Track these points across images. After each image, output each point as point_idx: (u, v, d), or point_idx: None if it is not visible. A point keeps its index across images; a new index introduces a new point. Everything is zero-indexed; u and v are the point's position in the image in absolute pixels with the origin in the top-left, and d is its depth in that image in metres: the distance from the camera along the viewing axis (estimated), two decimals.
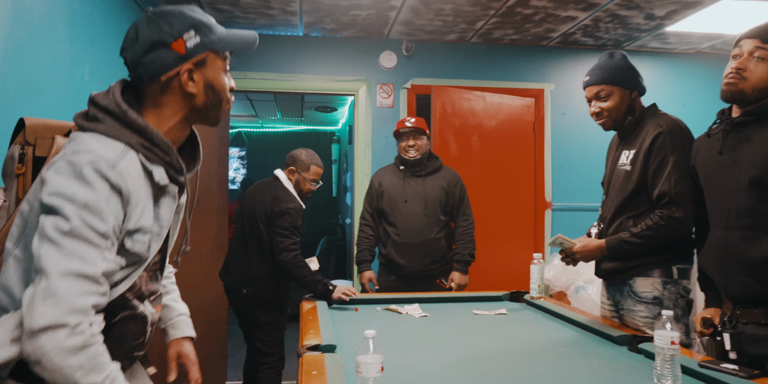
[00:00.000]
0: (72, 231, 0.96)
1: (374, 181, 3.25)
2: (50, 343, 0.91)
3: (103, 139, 1.06)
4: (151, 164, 1.10)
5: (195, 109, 1.17)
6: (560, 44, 4.42)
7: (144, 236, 1.09)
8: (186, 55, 1.10)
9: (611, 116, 2.10)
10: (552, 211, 4.40)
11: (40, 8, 1.98)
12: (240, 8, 3.62)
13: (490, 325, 2.24)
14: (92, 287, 0.97)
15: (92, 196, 0.98)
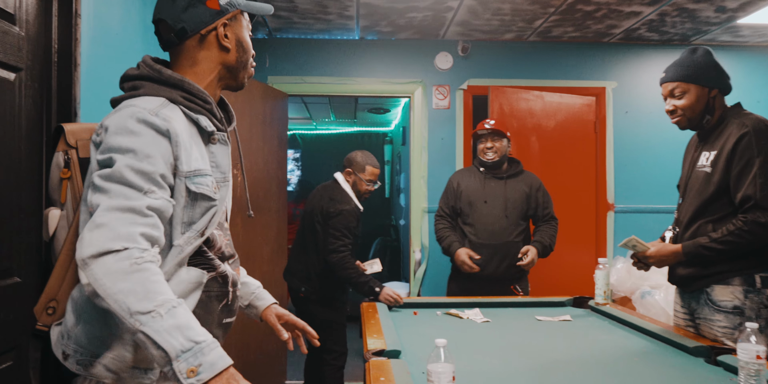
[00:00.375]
0: (113, 175, 1.02)
1: (453, 181, 3.20)
2: (100, 269, 0.94)
3: (143, 98, 1.14)
4: (195, 114, 1.18)
5: (227, 67, 1.26)
6: (623, 40, 4.28)
7: (205, 178, 1.15)
8: (221, 11, 1.21)
9: (686, 115, 2.02)
10: (615, 213, 4.26)
11: (117, 24, 2.08)
12: (298, 14, 3.68)
13: (555, 331, 2.20)
14: (137, 218, 1.00)
15: (138, 142, 1.05)
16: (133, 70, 1.21)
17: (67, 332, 1.12)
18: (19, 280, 1.57)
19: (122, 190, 1.01)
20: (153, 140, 1.07)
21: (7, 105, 1.52)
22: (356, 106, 6.87)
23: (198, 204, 1.15)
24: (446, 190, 3.22)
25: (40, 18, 1.67)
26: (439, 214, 3.19)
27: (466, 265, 2.95)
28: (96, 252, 0.94)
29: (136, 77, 1.19)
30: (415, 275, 4.06)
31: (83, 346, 1.10)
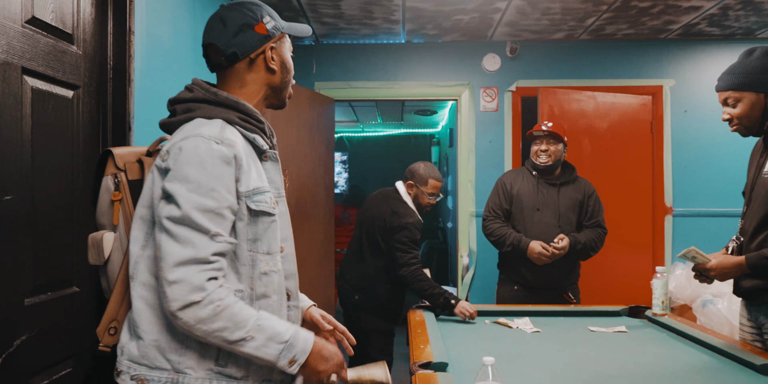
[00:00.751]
0: (183, 218, 1.09)
1: (504, 183, 3.04)
2: (191, 319, 1.08)
3: (202, 121, 1.20)
4: (250, 133, 1.24)
5: (273, 87, 1.32)
6: (681, 36, 4.09)
7: (264, 195, 1.21)
8: (268, 35, 1.27)
9: (742, 123, 1.91)
10: (673, 217, 4.08)
11: (168, 37, 2.14)
12: (344, 20, 3.70)
13: (609, 343, 2.11)
14: (205, 267, 1.10)
15: (204, 175, 1.11)
16: (186, 93, 1.26)
17: (120, 349, 1.17)
18: (78, 290, 1.63)
19: (190, 236, 1.10)
20: (219, 171, 1.13)
21: (66, 121, 1.58)
22: (403, 108, 6.86)
23: (260, 221, 1.21)
24: (496, 191, 3.07)
25: (97, 36, 1.73)
26: (491, 216, 3.03)
27: (544, 257, 2.82)
28: (181, 306, 1.07)
29: (191, 100, 1.24)
30: (462, 280, 4.02)
31: (135, 361, 1.14)
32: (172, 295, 1.07)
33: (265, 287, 1.22)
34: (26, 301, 1.41)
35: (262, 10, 1.29)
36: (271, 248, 1.24)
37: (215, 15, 1.28)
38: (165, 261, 1.08)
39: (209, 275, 1.10)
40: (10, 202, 1.34)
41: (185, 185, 1.10)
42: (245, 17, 1.25)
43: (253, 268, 1.20)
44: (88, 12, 1.69)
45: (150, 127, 1.96)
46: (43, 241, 1.48)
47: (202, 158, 1.12)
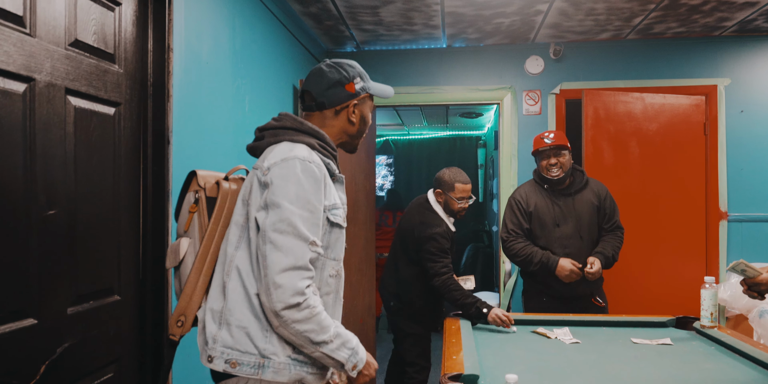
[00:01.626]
0: (287, 227, 1.28)
1: (520, 200, 2.98)
2: (289, 318, 1.27)
3: (290, 144, 1.40)
4: (326, 158, 1.44)
5: (349, 135, 1.55)
6: (736, 33, 3.90)
7: (339, 210, 1.43)
8: (354, 94, 1.51)
9: None
10: (728, 223, 3.89)
11: (207, 51, 2.21)
12: (384, 27, 3.72)
13: (652, 357, 2.04)
14: (304, 273, 1.29)
15: (302, 191, 1.31)
16: (274, 122, 1.47)
17: (212, 338, 1.32)
18: (119, 298, 1.71)
19: (292, 244, 1.28)
20: (313, 187, 1.33)
21: (107, 137, 1.66)
22: (447, 111, 6.82)
23: (333, 231, 1.42)
24: (512, 210, 2.99)
25: (138, 54, 1.81)
26: (512, 236, 2.95)
27: (574, 274, 2.80)
28: (283, 306, 1.26)
29: (280, 127, 1.45)
30: (504, 287, 3.96)
31: (229, 346, 1.31)
32: (277, 297, 1.26)
33: (329, 287, 1.43)
34: (69, 310, 1.48)
35: (356, 72, 1.52)
36: (338, 255, 1.46)
37: (318, 68, 1.52)
38: (270, 268, 1.27)
39: (307, 283, 1.30)
40: (53, 216, 1.42)
41: (287, 197, 1.29)
42: (340, 76, 1.49)
43: (323, 271, 1.41)
44: (129, 31, 1.77)
45: (189, 141, 2.03)
46: (86, 253, 1.56)
47: (300, 176, 1.32)
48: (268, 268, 1.27)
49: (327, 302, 1.43)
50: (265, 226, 1.29)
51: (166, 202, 1.85)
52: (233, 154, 2.43)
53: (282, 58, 3.19)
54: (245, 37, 2.59)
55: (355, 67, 1.53)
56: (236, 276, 1.34)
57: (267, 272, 1.27)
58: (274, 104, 3.02)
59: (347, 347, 1.36)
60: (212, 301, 1.36)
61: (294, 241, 1.28)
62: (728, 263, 3.87)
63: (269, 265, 1.27)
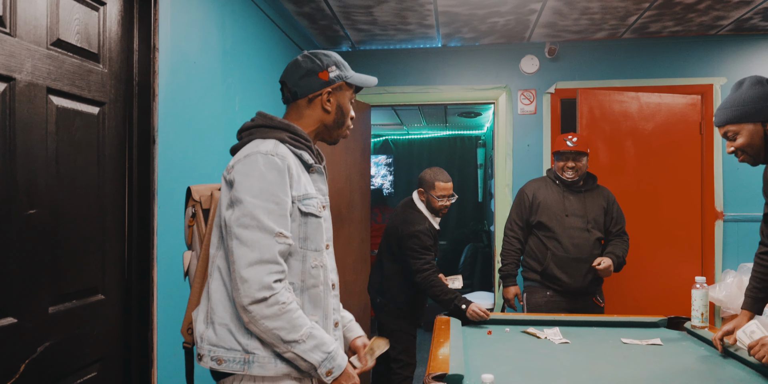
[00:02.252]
0: (250, 221, 1.28)
1: (527, 193, 3.11)
2: (257, 314, 1.26)
3: (259, 141, 1.40)
4: (298, 150, 1.43)
5: (325, 125, 1.52)
6: (733, 32, 3.88)
7: (312, 200, 1.41)
8: (328, 82, 1.48)
9: (748, 153, 1.88)
10: (724, 222, 3.87)
11: (196, 51, 2.21)
12: (379, 26, 3.71)
13: (641, 357, 2.03)
14: (272, 267, 1.28)
15: (265, 183, 1.31)
16: (249, 123, 1.49)
17: (200, 336, 1.35)
18: (103, 298, 1.71)
19: (257, 238, 1.28)
20: (276, 179, 1.33)
21: (91, 136, 1.66)
22: (446, 111, 6.82)
23: (309, 221, 1.40)
24: (519, 202, 3.14)
25: (123, 54, 1.81)
26: (511, 228, 3.14)
27: (510, 303, 3.07)
28: (250, 301, 1.26)
29: (252, 126, 1.47)
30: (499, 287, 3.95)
31: (214, 344, 1.33)
32: (244, 291, 1.25)
33: (314, 279, 1.41)
34: (50, 310, 1.49)
35: (331, 60, 1.50)
36: (319, 246, 1.43)
37: (294, 59, 1.52)
38: (236, 263, 1.27)
39: (275, 277, 1.28)
40: (34, 216, 1.43)
41: (250, 192, 1.30)
42: (313, 65, 1.47)
43: (304, 262, 1.39)
44: (114, 31, 1.77)
45: (176, 140, 2.04)
46: (69, 253, 1.56)
47: (261, 170, 1.31)
48: (235, 263, 1.27)
49: (317, 295, 1.42)
50: (231, 222, 1.30)
51: (151, 202, 1.85)
52: (223, 153, 2.43)
53: (275, 58, 3.19)
54: (236, 37, 2.59)
55: (330, 56, 1.51)
56: (217, 275, 1.35)
57: (234, 267, 1.27)
58: (267, 104, 3.02)
59: (322, 350, 1.33)
60: (202, 303, 1.39)
61: (258, 234, 1.28)
62: (724, 263, 3.86)
63: (236, 260, 1.27)
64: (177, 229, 2.01)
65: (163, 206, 1.92)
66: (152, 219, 1.85)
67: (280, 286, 1.29)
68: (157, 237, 1.87)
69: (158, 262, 1.88)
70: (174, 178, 2.00)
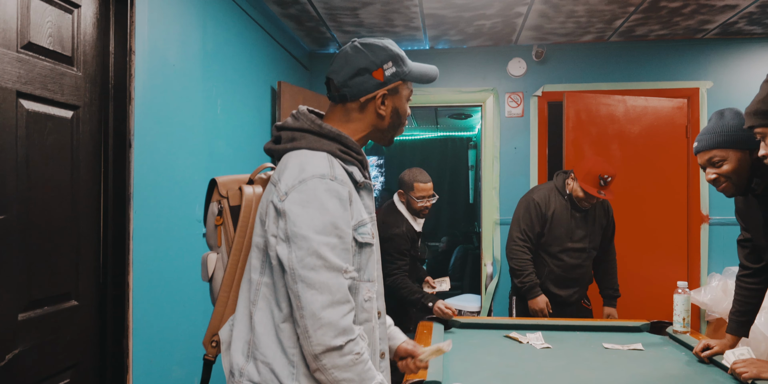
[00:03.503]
0: (316, 264, 1.14)
1: (539, 204, 2.96)
2: (329, 363, 1.15)
3: (307, 152, 1.23)
4: (349, 165, 1.27)
5: (378, 129, 1.33)
6: (719, 36, 3.90)
7: (365, 227, 1.26)
8: (384, 82, 1.28)
9: (732, 180, 1.83)
10: (709, 226, 3.88)
11: (175, 54, 2.19)
12: (365, 28, 3.70)
13: (621, 362, 2.03)
14: (346, 307, 1.16)
15: (328, 216, 1.16)
16: (292, 122, 1.30)
17: (238, 370, 1.22)
18: (77, 304, 1.69)
19: (325, 279, 1.15)
20: (338, 209, 1.18)
21: (64, 140, 1.64)
22: (437, 112, 6.82)
23: (364, 251, 1.27)
24: (528, 211, 2.97)
25: (98, 57, 1.79)
26: (522, 238, 2.96)
27: (541, 313, 2.94)
28: (323, 350, 1.14)
29: (297, 129, 1.28)
30: (486, 290, 3.95)
31: (256, 382, 1.20)
32: (317, 339, 1.13)
33: (367, 313, 1.28)
34: (20, 317, 1.47)
35: (387, 54, 1.29)
36: (372, 276, 1.30)
37: (343, 51, 1.30)
38: (306, 309, 1.13)
39: (350, 318, 1.17)
40: (4, 221, 1.40)
41: (312, 227, 1.15)
42: (366, 61, 1.27)
43: (357, 295, 1.25)
44: (89, 33, 1.75)
45: (154, 144, 2.02)
46: (40, 258, 1.54)
47: (322, 200, 1.16)
48: (304, 309, 1.14)
49: (368, 329, 1.29)
50: (293, 262, 1.15)
51: (127, 206, 1.83)
52: (205, 156, 2.42)
53: (259, 60, 3.17)
54: (218, 39, 2.57)
55: (387, 48, 1.29)
56: (264, 305, 1.21)
57: (303, 313, 1.14)
58: (251, 106, 3.01)
59: None
60: (239, 329, 1.25)
61: (326, 274, 1.15)
62: (710, 266, 3.87)
63: (304, 306, 1.14)
64: (154, 233, 2.00)
65: (140, 210, 1.90)
66: (128, 224, 1.83)
67: (357, 329, 1.19)
68: (132, 242, 1.85)
69: (134, 267, 1.86)
70: (151, 183, 1.98)
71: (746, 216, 1.99)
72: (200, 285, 2.37)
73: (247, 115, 2.95)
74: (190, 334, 2.25)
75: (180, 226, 2.22)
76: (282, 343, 1.19)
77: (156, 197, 2.02)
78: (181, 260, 2.22)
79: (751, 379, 1.71)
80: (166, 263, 2.11)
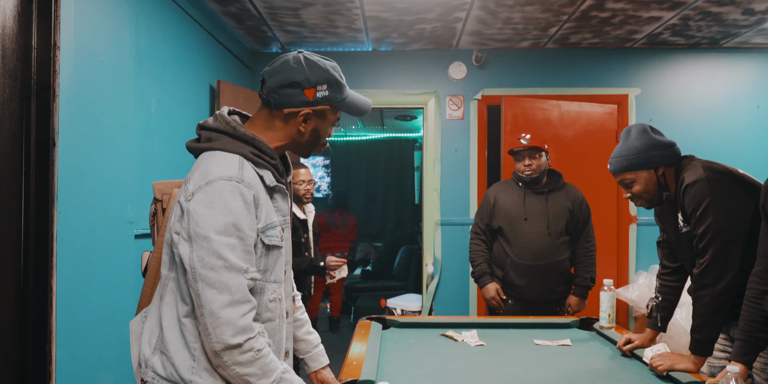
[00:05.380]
0: (215, 264, 1.16)
1: (489, 197, 3.04)
2: (229, 360, 1.18)
3: (220, 154, 1.25)
4: (261, 169, 1.27)
5: (296, 143, 1.34)
6: (646, 45, 4.10)
7: (274, 230, 1.28)
8: (312, 102, 1.28)
9: (644, 197, 2.01)
10: (637, 226, 4.08)
11: (104, 50, 2.12)
12: (307, 29, 3.69)
13: (550, 358, 2.10)
14: (245, 307, 1.19)
15: (230, 217, 1.17)
16: (212, 122, 1.30)
17: (144, 361, 1.25)
18: None
19: (225, 279, 1.17)
20: (242, 210, 1.19)
21: None
22: (382, 114, 6.86)
23: (271, 253, 1.29)
24: (482, 205, 3.08)
25: (19, 52, 1.72)
26: (475, 231, 3.06)
27: (494, 301, 2.93)
28: (223, 347, 1.17)
29: (213, 129, 1.29)
30: (427, 289, 4.01)
31: (159, 375, 1.23)
32: (216, 337, 1.16)
33: (272, 312, 1.31)
34: None
35: (325, 77, 1.28)
36: (279, 277, 1.32)
37: (286, 58, 1.29)
38: (205, 308, 1.16)
39: (251, 316, 1.20)
40: None
41: (214, 228, 1.16)
42: (302, 77, 1.26)
43: (262, 296, 1.28)
44: (10, 27, 1.68)
45: (80, 143, 1.95)
46: None
47: (226, 200, 1.18)
48: (204, 307, 1.16)
49: (272, 328, 1.33)
50: (194, 261, 1.17)
51: (50, 207, 1.76)
52: (137, 156, 2.35)
53: (197, 58, 3.11)
54: (152, 36, 2.51)
55: (328, 71, 1.29)
56: (171, 300, 1.24)
57: (203, 312, 1.16)
58: (188, 105, 2.94)
59: None
60: (150, 321, 1.28)
61: (226, 274, 1.17)
62: (638, 264, 4.06)
63: (204, 304, 1.16)
64: (80, 235, 1.93)
65: (65, 211, 1.83)
66: (51, 225, 1.76)
67: (257, 327, 1.21)
68: (56, 244, 1.78)
69: (58, 269, 1.79)
70: (77, 183, 1.91)
71: (663, 218, 2.12)
72: (131, 287, 2.30)
73: (184, 114, 2.89)
74: (119, 337, 2.19)
75: (109, 228, 2.15)
76: (185, 338, 1.22)
77: (82, 198, 1.96)
78: (110, 262, 2.16)
79: (666, 371, 1.82)
80: (94, 265, 2.04)
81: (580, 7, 3.27)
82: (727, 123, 4.06)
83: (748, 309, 1.67)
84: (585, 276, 2.99)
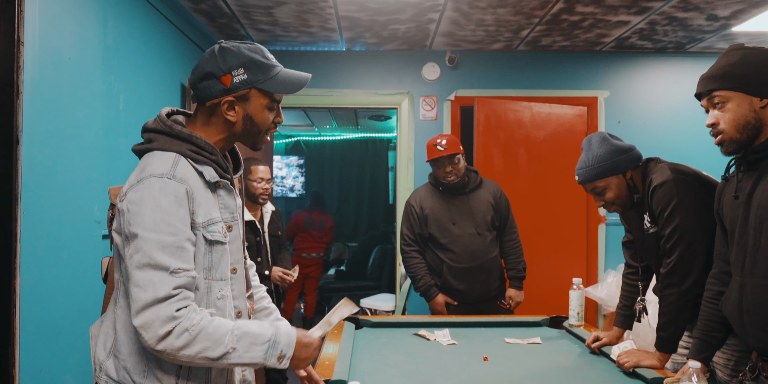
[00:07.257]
0: (143, 259, 1.15)
1: (413, 205, 3.01)
2: (170, 349, 1.15)
3: (158, 154, 1.25)
4: (200, 165, 1.27)
5: (234, 134, 1.33)
6: (615, 49, 4.19)
7: (216, 225, 1.27)
8: (230, 89, 1.26)
9: (616, 203, 2.06)
10: (606, 226, 4.17)
11: (70, 47, 2.08)
12: (280, 27, 3.67)
13: (520, 356, 2.13)
14: (167, 302, 1.15)
15: (159, 213, 1.17)
16: (152, 123, 1.31)
17: (99, 365, 1.26)
18: None
19: (151, 277, 1.15)
20: (172, 206, 1.18)
21: None
22: (356, 113, 6.85)
23: (215, 249, 1.28)
24: (407, 215, 3.04)
25: None
26: (407, 243, 3.02)
27: (443, 311, 2.96)
28: (155, 341, 1.15)
29: (152, 130, 1.29)
30: (401, 289, 4.02)
31: (113, 378, 1.23)
32: (146, 334, 1.15)
33: (220, 310, 1.29)
34: None
35: (239, 60, 1.26)
36: (224, 274, 1.30)
37: (208, 50, 1.29)
38: (133, 307, 1.16)
39: (175, 307, 1.16)
40: None
41: (142, 225, 1.16)
42: (214, 66, 1.25)
43: (209, 294, 1.27)
44: None
45: (45, 141, 1.91)
46: None
47: (155, 197, 1.17)
48: (132, 307, 1.16)
49: None
50: (127, 260, 1.18)
51: (14, 207, 1.72)
52: (105, 154, 2.31)
53: (168, 56, 3.07)
54: (121, 33, 2.46)
55: (240, 54, 1.26)
56: (123, 303, 1.25)
57: (132, 311, 1.16)
58: (158, 103, 2.90)
59: (259, 343, 1.22)
60: (106, 325, 1.28)
61: (152, 273, 1.15)
62: (606, 263, 4.14)
63: (132, 304, 1.16)
64: (45, 235, 1.89)
65: (29, 211, 1.79)
66: (15, 225, 1.72)
67: (182, 313, 1.17)
68: (20, 245, 1.74)
69: (22, 271, 1.75)
70: (42, 182, 1.87)
71: (629, 219, 2.17)
72: (98, 289, 2.26)
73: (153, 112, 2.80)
74: (85, 341, 2.14)
75: (76, 228, 2.11)
76: (138, 341, 1.22)
77: (48, 197, 1.91)
78: (77, 263, 2.11)
79: (632, 368, 1.87)
80: (59, 266, 2.00)
81: (551, 10, 3.32)
82: (692, 125, 4.16)
83: (705, 309, 1.73)
84: (518, 267, 3.09)
